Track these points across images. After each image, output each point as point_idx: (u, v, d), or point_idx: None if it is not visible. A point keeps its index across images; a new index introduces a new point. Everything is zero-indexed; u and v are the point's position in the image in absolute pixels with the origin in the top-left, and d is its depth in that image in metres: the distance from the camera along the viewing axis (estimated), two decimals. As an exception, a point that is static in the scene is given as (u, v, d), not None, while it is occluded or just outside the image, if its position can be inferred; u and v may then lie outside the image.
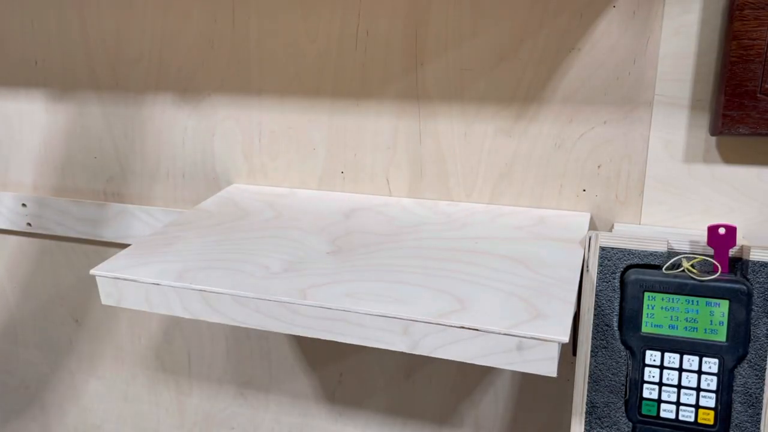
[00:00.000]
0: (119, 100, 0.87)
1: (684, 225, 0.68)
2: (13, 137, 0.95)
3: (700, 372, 0.56)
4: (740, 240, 0.63)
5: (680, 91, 0.64)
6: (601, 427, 0.59)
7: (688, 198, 0.67)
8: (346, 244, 0.65)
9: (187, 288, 0.58)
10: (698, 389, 0.56)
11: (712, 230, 0.57)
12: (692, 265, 0.57)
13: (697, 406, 0.57)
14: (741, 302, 0.55)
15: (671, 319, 0.57)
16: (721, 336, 0.56)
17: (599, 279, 0.59)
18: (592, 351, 0.59)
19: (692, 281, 0.56)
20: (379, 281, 0.57)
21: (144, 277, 0.59)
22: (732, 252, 0.57)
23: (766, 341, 0.55)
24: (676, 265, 0.57)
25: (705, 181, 0.66)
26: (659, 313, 0.57)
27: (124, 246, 0.93)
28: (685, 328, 0.57)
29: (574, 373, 0.60)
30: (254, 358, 0.95)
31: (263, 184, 0.84)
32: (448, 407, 0.86)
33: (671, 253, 0.58)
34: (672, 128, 0.66)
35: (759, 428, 0.56)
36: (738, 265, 0.58)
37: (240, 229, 0.70)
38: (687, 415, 0.57)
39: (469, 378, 0.84)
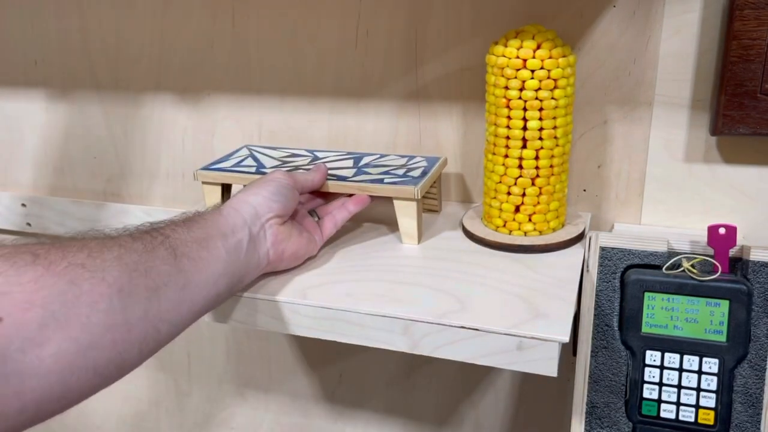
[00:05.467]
0: (119, 100, 0.87)
1: (684, 225, 0.68)
2: (13, 137, 0.95)
3: (700, 372, 0.56)
4: (740, 240, 0.63)
5: (680, 91, 0.64)
6: (601, 427, 0.59)
7: (688, 198, 0.67)
8: (345, 244, 0.65)
9: (186, 288, 0.58)
10: (698, 389, 0.56)
11: (713, 230, 0.57)
12: (692, 265, 0.57)
13: (697, 407, 0.57)
14: (741, 302, 0.55)
15: (671, 319, 0.57)
16: (721, 336, 0.56)
17: (599, 279, 0.59)
18: (592, 351, 0.59)
19: (692, 281, 0.56)
20: (380, 281, 0.57)
21: (144, 277, 0.59)
22: (732, 252, 0.57)
23: (766, 341, 0.55)
24: (677, 265, 0.57)
25: (705, 181, 0.66)
26: (659, 313, 0.57)
27: (124, 246, 0.93)
28: (686, 328, 0.57)
29: (574, 373, 0.60)
30: (254, 358, 0.95)
31: (263, 184, 0.83)
32: (448, 407, 0.86)
33: (671, 253, 0.58)
34: (672, 128, 0.66)
35: (759, 429, 0.56)
36: (738, 265, 0.58)
37: (240, 229, 0.69)
38: (687, 415, 0.57)
39: (469, 378, 0.84)
